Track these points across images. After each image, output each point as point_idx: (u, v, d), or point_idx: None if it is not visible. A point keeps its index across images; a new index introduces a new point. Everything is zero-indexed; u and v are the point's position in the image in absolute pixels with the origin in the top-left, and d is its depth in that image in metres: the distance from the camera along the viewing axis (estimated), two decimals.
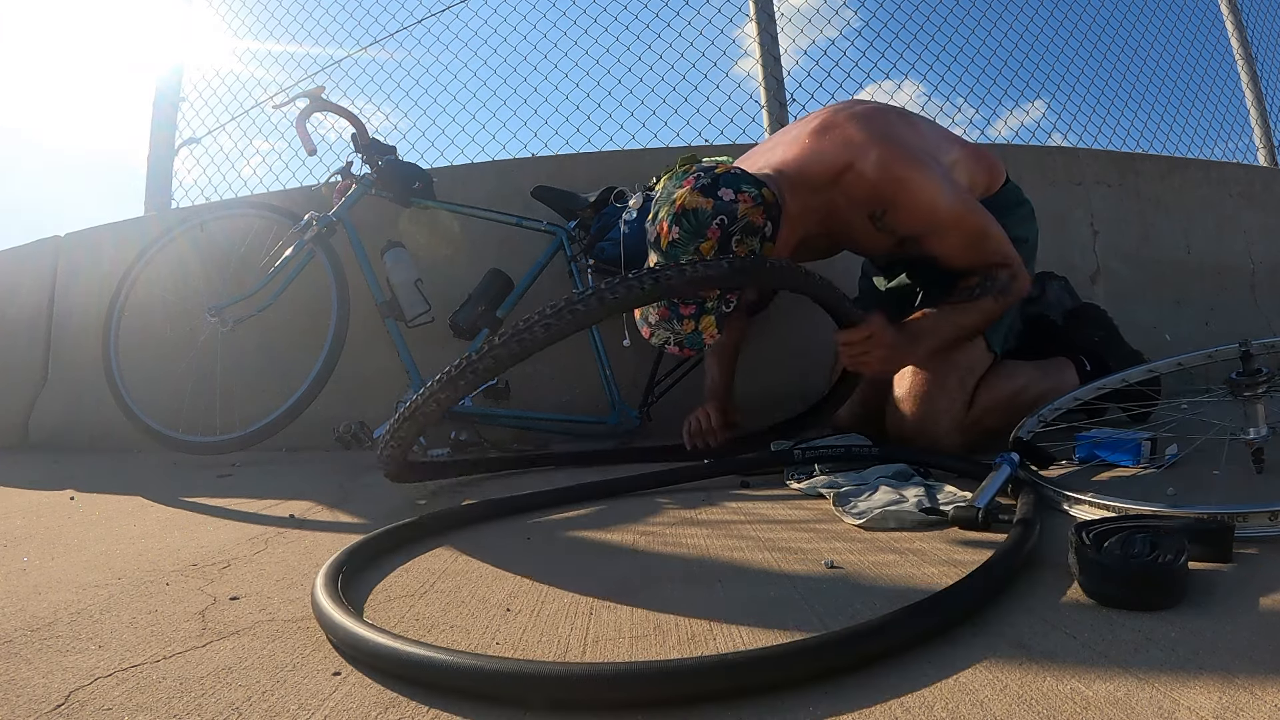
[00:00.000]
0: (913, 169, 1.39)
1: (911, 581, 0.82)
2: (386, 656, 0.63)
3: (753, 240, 1.30)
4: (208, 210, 2.67)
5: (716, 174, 1.33)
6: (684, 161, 2.15)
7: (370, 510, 1.37)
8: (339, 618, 0.70)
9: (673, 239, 1.30)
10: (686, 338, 1.35)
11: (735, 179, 1.32)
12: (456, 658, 0.60)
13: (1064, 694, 0.54)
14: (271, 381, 2.46)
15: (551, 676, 0.57)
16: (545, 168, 2.63)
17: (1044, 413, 1.46)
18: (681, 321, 1.34)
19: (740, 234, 1.29)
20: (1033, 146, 3.01)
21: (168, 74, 3.50)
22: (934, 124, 1.68)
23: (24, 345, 3.19)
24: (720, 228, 1.28)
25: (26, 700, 0.61)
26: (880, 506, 1.10)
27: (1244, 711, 0.50)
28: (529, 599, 0.83)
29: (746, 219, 1.29)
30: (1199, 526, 0.83)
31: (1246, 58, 3.72)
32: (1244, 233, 3.08)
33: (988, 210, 1.48)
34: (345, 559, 0.91)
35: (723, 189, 1.30)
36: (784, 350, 2.41)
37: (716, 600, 0.80)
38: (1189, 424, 1.51)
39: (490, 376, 1.11)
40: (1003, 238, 1.49)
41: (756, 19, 2.96)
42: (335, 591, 0.78)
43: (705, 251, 1.29)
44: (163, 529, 1.28)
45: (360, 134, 2.19)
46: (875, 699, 0.55)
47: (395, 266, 2.13)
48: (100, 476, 2.01)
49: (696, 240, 1.29)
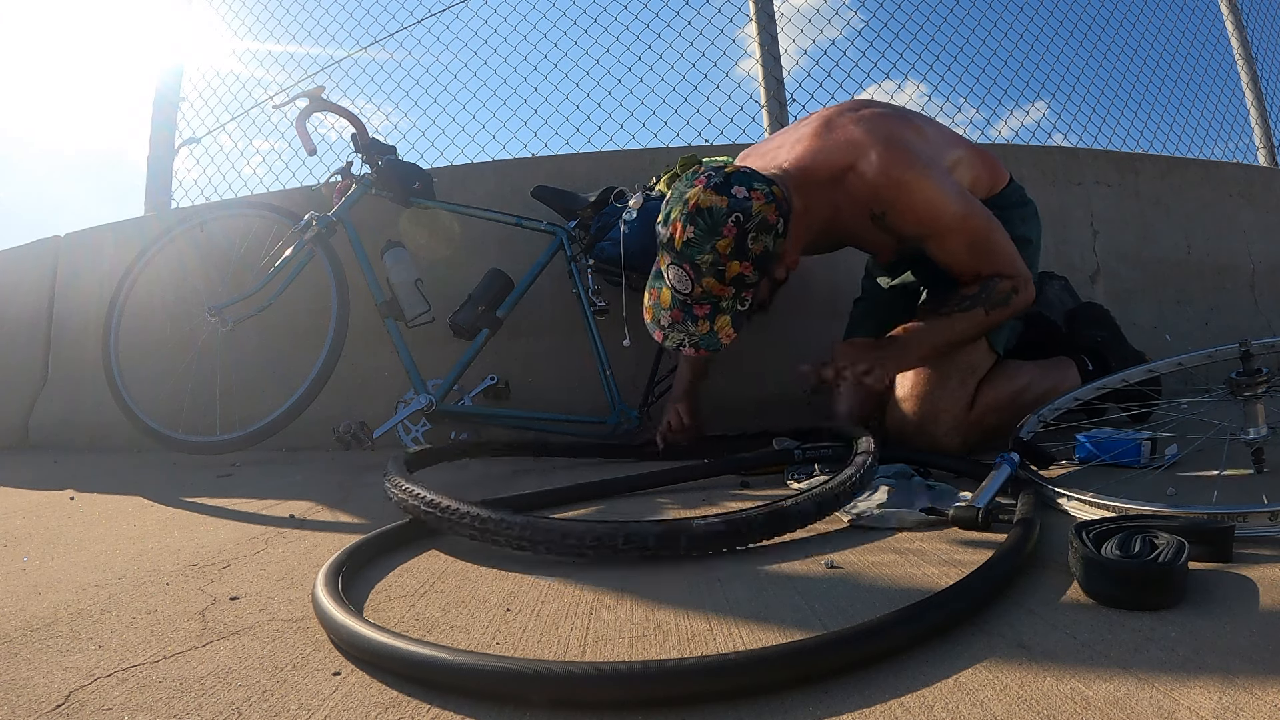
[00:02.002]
0: (912, 171, 1.39)
1: (911, 581, 0.82)
2: (388, 655, 0.63)
3: (767, 237, 1.31)
4: (207, 210, 2.66)
5: (728, 173, 1.33)
6: (684, 162, 2.16)
7: (370, 510, 1.37)
8: (341, 617, 0.70)
9: (688, 238, 1.30)
10: (702, 339, 1.35)
11: (747, 177, 1.32)
12: (460, 656, 0.60)
13: (1064, 694, 0.54)
14: (271, 381, 2.46)
15: (554, 676, 0.57)
16: (545, 168, 2.63)
17: (1044, 413, 1.46)
18: (696, 323, 1.34)
19: (756, 231, 1.29)
20: (1033, 146, 3.01)
21: (168, 74, 3.50)
22: (938, 124, 1.67)
23: (24, 345, 3.19)
24: (736, 224, 1.28)
25: (26, 700, 0.61)
26: (880, 506, 1.10)
27: (1244, 711, 0.50)
28: (529, 599, 0.83)
29: (762, 215, 1.29)
30: (1199, 526, 0.83)
31: (1246, 58, 3.72)
32: (1244, 232, 3.08)
33: (993, 214, 1.46)
34: (345, 559, 0.91)
35: (735, 186, 1.30)
36: (784, 351, 2.41)
37: (717, 600, 0.80)
38: (1189, 424, 1.51)
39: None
40: (1009, 248, 1.46)
41: (756, 19, 2.96)
42: (336, 591, 0.78)
43: (722, 249, 1.29)
44: (163, 529, 1.28)
45: (360, 134, 2.18)
46: (875, 699, 0.55)
47: (395, 266, 2.13)
48: (100, 476, 2.01)
49: (712, 238, 1.29)
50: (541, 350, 2.48)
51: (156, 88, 3.47)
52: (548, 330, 2.49)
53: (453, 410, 2.07)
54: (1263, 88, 3.72)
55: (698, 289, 1.33)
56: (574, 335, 2.35)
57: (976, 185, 1.58)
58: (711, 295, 1.33)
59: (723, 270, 1.30)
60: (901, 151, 1.40)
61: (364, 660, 0.66)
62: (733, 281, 1.31)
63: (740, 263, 1.30)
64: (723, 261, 1.29)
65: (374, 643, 0.64)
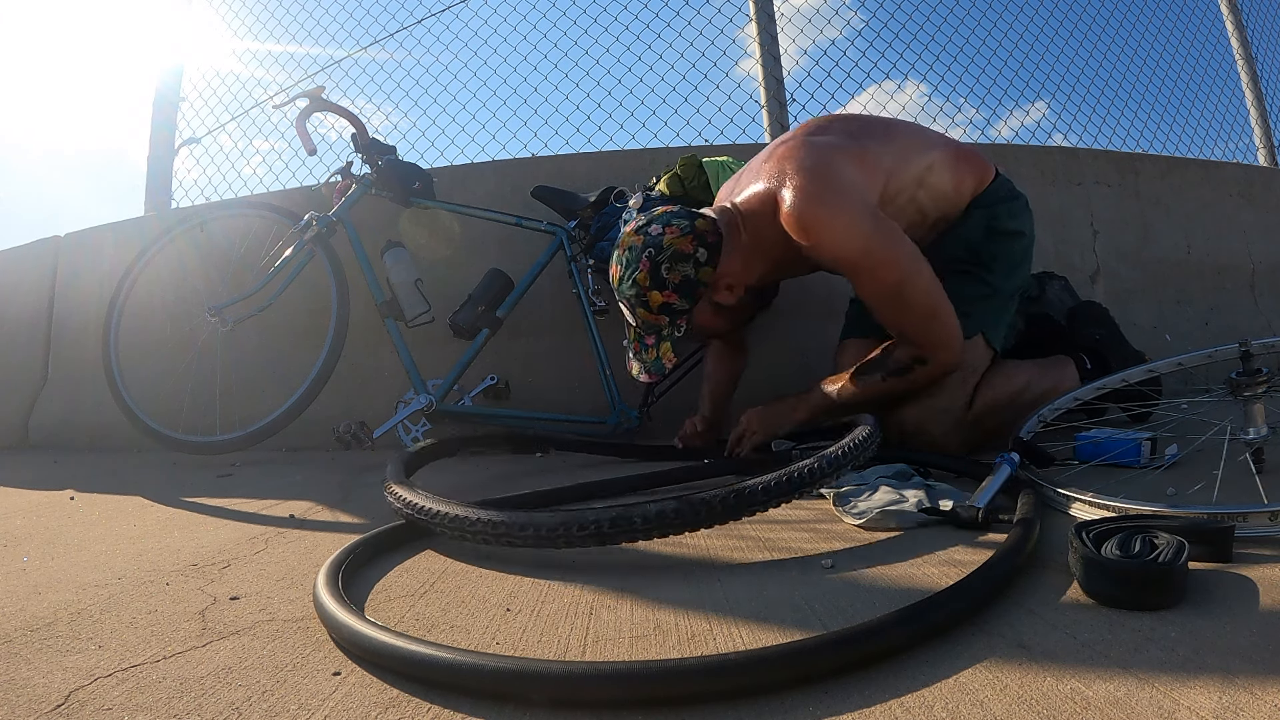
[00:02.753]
0: (822, 209, 1.37)
1: (912, 582, 0.82)
2: (390, 655, 0.63)
3: (685, 266, 1.43)
4: (207, 210, 2.66)
5: (655, 214, 1.49)
6: (684, 162, 2.16)
7: (370, 510, 1.37)
8: (343, 616, 0.70)
9: (619, 275, 1.47)
10: (651, 364, 1.49)
11: (669, 215, 1.47)
12: (460, 656, 0.60)
13: (1064, 694, 0.54)
14: (271, 381, 2.47)
15: (554, 676, 0.57)
16: (545, 168, 2.63)
17: (1044, 413, 1.46)
18: (647, 350, 1.50)
19: (669, 262, 1.42)
20: (1033, 147, 3.01)
21: (168, 74, 3.50)
22: (909, 128, 1.65)
23: (24, 345, 3.19)
24: (649, 259, 1.43)
25: (26, 700, 0.61)
26: (880, 506, 1.10)
27: (1244, 711, 0.50)
28: (529, 598, 0.83)
29: (673, 248, 1.43)
30: (1199, 526, 0.83)
31: (1246, 58, 3.72)
32: (1244, 232, 3.08)
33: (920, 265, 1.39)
34: (344, 558, 0.91)
35: (653, 225, 1.46)
36: (784, 352, 2.42)
37: (717, 600, 0.80)
38: (1189, 424, 1.51)
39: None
40: (926, 303, 1.39)
41: (756, 19, 2.96)
42: (337, 590, 0.78)
43: (641, 281, 1.43)
44: (163, 529, 1.28)
45: (360, 134, 2.19)
46: (875, 699, 0.55)
47: (395, 266, 2.13)
48: (100, 476, 2.01)
49: (633, 272, 1.44)
50: (541, 350, 2.49)
51: (156, 88, 3.48)
52: (548, 330, 2.49)
53: (453, 410, 2.07)
54: (1263, 88, 3.72)
55: (638, 320, 1.48)
56: (574, 335, 2.35)
57: (960, 187, 1.57)
58: (652, 325, 1.47)
59: (646, 300, 1.44)
60: (817, 186, 1.38)
61: (365, 660, 0.66)
62: (661, 310, 1.45)
63: (660, 292, 1.43)
64: (645, 292, 1.44)
65: (376, 642, 0.65)
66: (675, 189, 2.15)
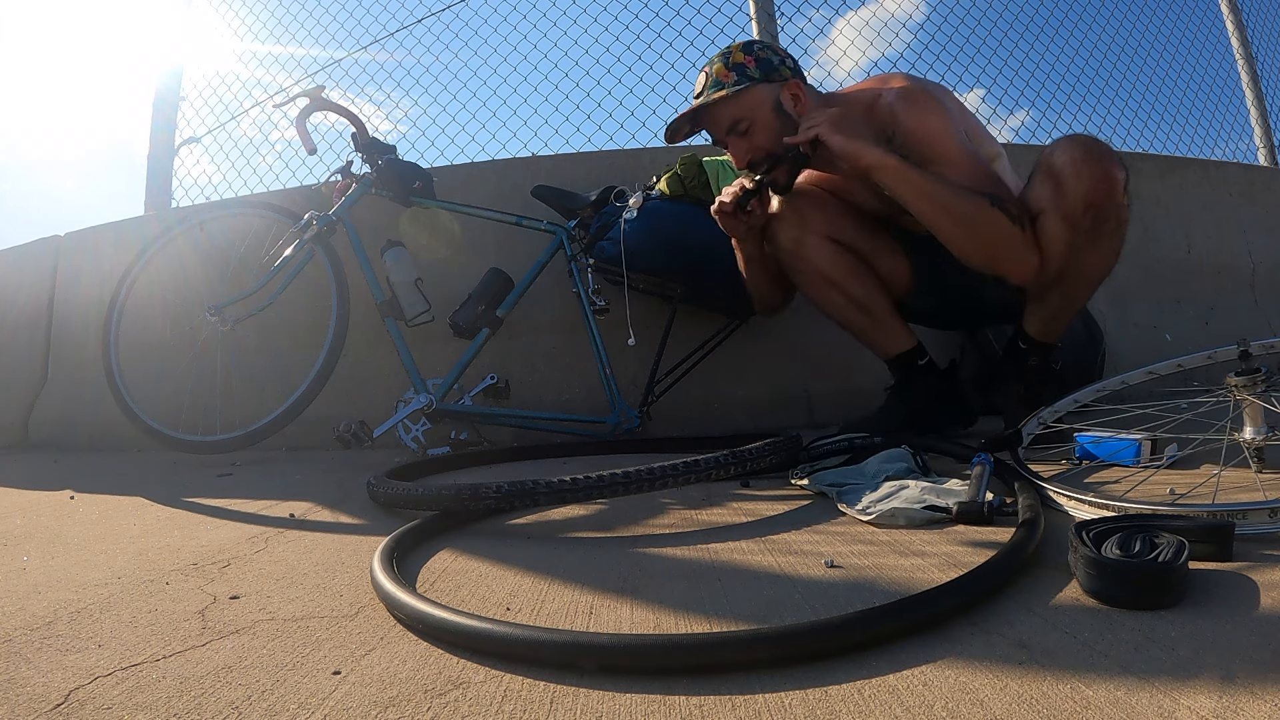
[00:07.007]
0: (929, 100, 1.52)
1: (913, 581, 0.82)
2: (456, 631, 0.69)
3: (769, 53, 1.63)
4: (207, 210, 2.66)
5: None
6: (684, 162, 2.16)
7: (371, 510, 1.37)
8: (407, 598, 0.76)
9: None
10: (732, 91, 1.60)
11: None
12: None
13: (1064, 694, 0.54)
14: (271, 381, 2.47)
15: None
16: (545, 167, 2.63)
17: (1044, 415, 1.46)
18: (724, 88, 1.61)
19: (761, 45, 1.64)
20: (1033, 146, 3.01)
21: (168, 74, 3.50)
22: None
23: (24, 345, 3.19)
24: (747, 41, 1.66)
25: (26, 700, 0.61)
26: (887, 504, 1.10)
27: (1244, 711, 0.50)
28: (529, 598, 0.83)
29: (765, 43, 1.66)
30: (1199, 526, 0.82)
31: (1246, 58, 3.73)
32: (1243, 232, 3.08)
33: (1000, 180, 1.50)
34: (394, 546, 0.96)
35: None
36: (784, 353, 2.42)
37: (717, 600, 0.80)
38: (1189, 424, 1.51)
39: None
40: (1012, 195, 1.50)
41: (756, 19, 2.97)
42: (393, 571, 0.85)
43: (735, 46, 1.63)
44: (162, 528, 1.28)
45: (360, 133, 2.18)
46: (874, 698, 0.55)
47: (395, 266, 2.13)
48: (100, 476, 2.01)
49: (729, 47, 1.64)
50: (541, 350, 2.48)
51: (156, 88, 3.48)
52: (548, 330, 2.49)
53: (453, 409, 2.07)
54: (1263, 88, 3.73)
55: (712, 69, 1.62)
56: (574, 335, 2.35)
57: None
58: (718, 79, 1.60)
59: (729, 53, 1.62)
60: (927, 90, 1.55)
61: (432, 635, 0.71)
62: (735, 67, 1.60)
63: (744, 53, 1.62)
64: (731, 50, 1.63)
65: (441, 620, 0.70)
66: (675, 189, 2.15)
